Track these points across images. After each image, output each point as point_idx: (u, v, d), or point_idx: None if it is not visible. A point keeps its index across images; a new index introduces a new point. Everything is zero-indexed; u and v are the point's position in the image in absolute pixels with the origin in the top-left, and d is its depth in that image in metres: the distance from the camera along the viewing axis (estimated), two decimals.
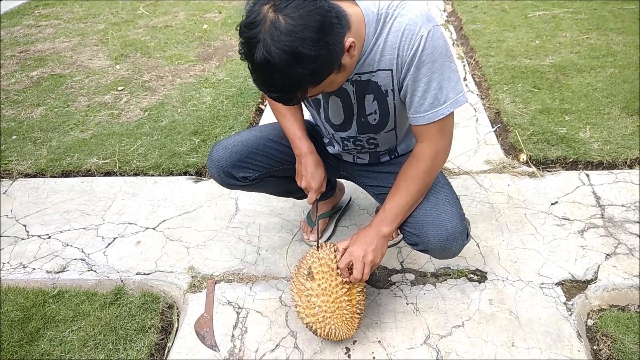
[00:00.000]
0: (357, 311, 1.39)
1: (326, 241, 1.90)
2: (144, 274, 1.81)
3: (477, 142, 2.45)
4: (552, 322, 1.53)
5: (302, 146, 1.49)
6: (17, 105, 3.10)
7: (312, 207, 1.67)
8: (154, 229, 2.04)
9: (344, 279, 1.36)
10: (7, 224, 2.12)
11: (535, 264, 1.74)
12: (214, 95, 3.05)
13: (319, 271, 1.36)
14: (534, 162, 2.26)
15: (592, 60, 3.09)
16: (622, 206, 1.97)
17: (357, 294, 1.39)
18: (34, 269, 1.86)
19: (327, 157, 1.65)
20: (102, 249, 1.94)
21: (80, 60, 3.71)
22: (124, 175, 2.39)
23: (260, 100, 2.97)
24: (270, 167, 1.58)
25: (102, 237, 2.01)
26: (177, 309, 1.70)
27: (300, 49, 1.01)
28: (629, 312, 1.57)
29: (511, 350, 1.46)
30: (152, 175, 2.37)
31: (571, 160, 2.24)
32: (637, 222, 1.89)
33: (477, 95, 2.87)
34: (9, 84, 3.39)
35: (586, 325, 1.55)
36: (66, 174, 2.44)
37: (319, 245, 1.47)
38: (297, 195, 1.82)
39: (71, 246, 1.97)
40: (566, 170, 2.21)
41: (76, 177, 2.41)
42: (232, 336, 1.56)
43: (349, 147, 1.51)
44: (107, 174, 2.42)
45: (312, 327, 1.38)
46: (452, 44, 3.61)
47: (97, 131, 2.74)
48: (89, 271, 1.83)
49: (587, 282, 1.66)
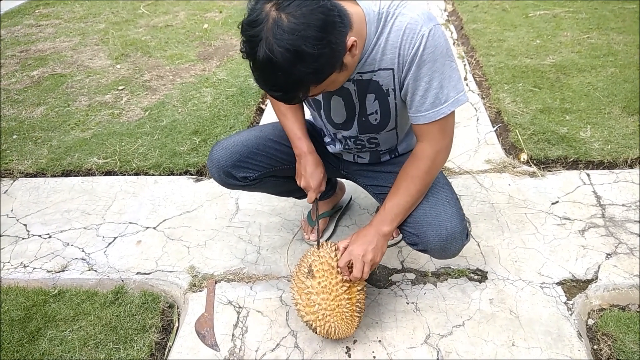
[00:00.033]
0: (357, 310, 1.39)
1: (327, 240, 1.90)
2: (145, 274, 1.81)
3: (478, 142, 2.44)
4: (553, 321, 1.53)
5: (302, 146, 1.50)
6: (17, 104, 3.10)
7: (312, 206, 1.67)
8: (154, 228, 2.04)
9: (344, 278, 1.36)
10: (7, 223, 2.12)
11: (535, 264, 1.74)
12: (215, 94, 3.05)
13: (319, 269, 1.36)
14: (535, 162, 2.26)
15: (593, 59, 3.08)
16: (623, 206, 1.97)
17: (357, 293, 1.39)
18: (34, 269, 1.86)
19: (327, 156, 1.65)
20: (103, 249, 1.94)
21: (80, 59, 3.71)
22: (125, 174, 2.40)
23: (260, 99, 2.97)
24: (270, 167, 1.58)
25: (103, 237, 2.01)
26: (178, 308, 1.70)
27: (302, 48, 1.01)
28: (629, 311, 1.57)
29: (511, 349, 1.46)
30: (153, 174, 2.38)
31: (572, 159, 2.24)
32: (638, 221, 1.89)
33: (478, 94, 2.87)
34: (10, 84, 3.39)
35: (587, 324, 1.55)
36: (67, 174, 2.44)
37: (320, 244, 1.47)
38: (297, 195, 1.82)
39: (72, 246, 1.97)
40: (567, 169, 2.21)
41: (77, 176, 2.42)
42: (233, 336, 1.56)
43: (350, 146, 1.51)
44: (108, 173, 2.42)
45: (311, 325, 1.38)
46: (453, 44, 3.61)
47: (97, 131, 2.75)
48: (89, 271, 1.84)
49: (588, 282, 1.65)
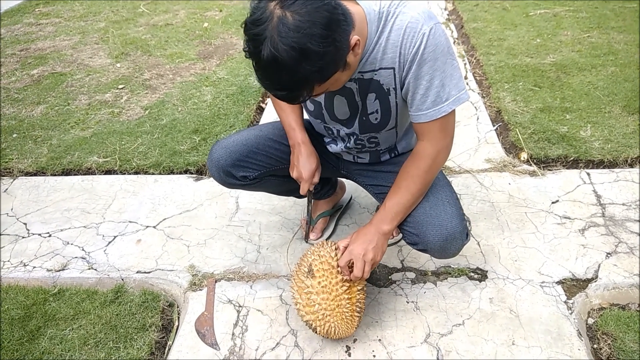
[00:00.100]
0: (357, 309, 1.39)
1: (327, 240, 1.90)
2: (145, 273, 1.81)
3: (478, 141, 2.44)
4: (553, 320, 1.53)
5: (296, 136, 1.50)
6: (17, 103, 3.10)
7: (306, 200, 1.67)
8: (154, 227, 2.04)
9: (345, 277, 1.36)
10: (7, 222, 2.12)
11: (535, 263, 1.74)
12: (215, 93, 3.05)
13: (319, 269, 1.36)
14: (535, 161, 2.26)
15: (593, 58, 3.08)
16: (623, 205, 1.97)
17: (358, 293, 1.39)
18: (34, 267, 1.86)
19: (327, 156, 1.65)
20: (103, 248, 1.94)
21: (80, 58, 3.71)
22: (125, 173, 2.39)
23: (260, 98, 2.97)
24: (270, 167, 1.58)
25: (103, 236, 2.01)
26: (178, 307, 1.70)
27: (308, 45, 1.00)
28: (629, 310, 1.57)
29: (511, 348, 1.46)
30: (153, 173, 2.37)
31: (572, 158, 2.24)
32: (638, 220, 1.89)
33: (478, 93, 2.87)
34: (10, 82, 3.39)
35: (587, 323, 1.55)
36: (67, 173, 2.44)
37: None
38: (297, 194, 1.81)
39: (72, 244, 1.97)
40: (567, 168, 2.21)
41: (77, 175, 2.41)
42: (233, 334, 1.56)
43: (350, 145, 1.51)
44: (108, 172, 2.42)
45: (311, 324, 1.38)
46: (453, 43, 3.61)
47: (97, 129, 2.74)
48: (89, 269, 1.84)
49: (588, 281, 1.65)
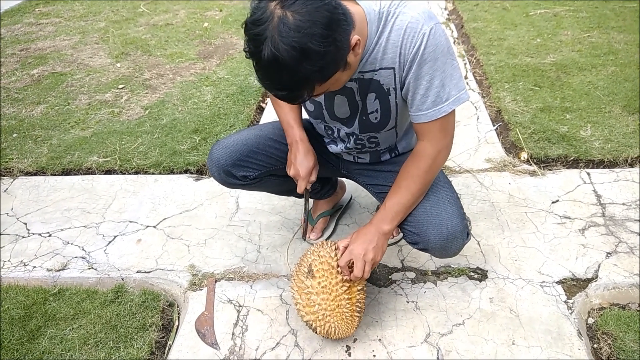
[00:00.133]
0: (357, 310, 1.39)
1: (327, 239, 1.90)
2: (145, 272, 1.81)
3: (478, 141, 2.44)
4: (553, 320, 1.53)
5: (294, 134, 1.49)
6: (17, 103, 3.10)
7: (304, 199, 1.66)
8: (154, 227, 2.04)
9: (345, 277, 1.36)
10: (7, 222, 2.12)
11: (535, 263, 1.74)
12: (215, 93, 3.05)
13: (319, 269, 1.36)
14: (535, 161, 2.26)
15: (593, 58, 3.08)
16: (623, 205, 1.97)
17: (358, 293, 1.39)
18: (34, 267, 1.86)
19: (327, 155, 1.65)
20: (103, 247, 1.94)
21: (80, 58, 3.71)
22: (125, 173, 2.39)
23: (260, 98, 2.97)
24: (270, 166, 1.58)
25: (103, 235, 2.01)
26: (178, 307, 1.70)
27: (309, 45, 1.00)
28: (629, 310, 1.57)
29: (512, 348, 1.46)
30: (153, 173, 2.37)
31: (572, 158, 2.24)
32: (638, 220, 1.89)
33: (478, 93, 2.87)
34: (10, 82, 3.39)
35: (587, 323, 1.55)
36: (67, 172, 2.44)
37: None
38: (297, 193, 1.82)
39: (72, 244, 1.97)
40: (567, 168, 2.21)
41: (77, 175, 2.41)
42: (233, 334, 1.56)
43: (350, 145, 1.51)
44: (108, 172, 2.42)
45: (311, 325, 1.38)
46: (453, 42, 3.61)
47: (97, 129, 2.74)
48: (89, 269, 1.84)
49: (588, 281, 1.65)
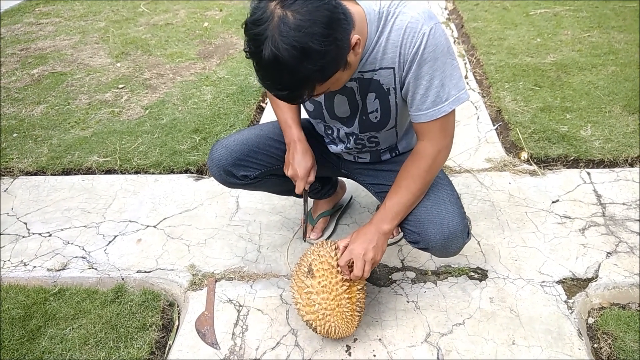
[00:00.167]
0: (357, 309, 1.39)
1: (327, 239, 1.90)
2: (145, 272, 1.81)
3: (478, 140, 2.44)
4: (553, 320, 1.53)
5: (292, 133, 1.49)
6: (17, 103, 3.10)
7: (303, 199, 1.66)
8: (154, 227, 2.04)
9: (345, 277, 1.36)
10: (8, 221, 2.12)
11: (536, 262, 1.74)
12: (215, 93, 3.05)
13: (319, 269, 1.36)
14: (535, 160, 2.26)
15: (594, 58, 3.08)
16: (623, 204, 1.97)
17: (358, 292, 1.39)
18: (34, 267, 1.86)
19: (327, 155, 1.65)
20: (103, 247, 1.94)
21: (81, 58, 3.71)
22: (125, 173, 2.39)
23: (261, 98, 2.97)
24: (270, 166, 1.58)
25: (103, 235, 2.01)
26: (178, 306, 1.70)
27: (309, 44, 1.00)
28: (629, 310, 1.57)
29: (512, 348, 1.46)
30: (153, 173, 2.37)
31: (572, 158, 2.24)
32: (638, 220, 1.89)
33: (478, 93, 2.87)
34: (10, 82, 3.39)
35: (587, 323, 1.55)
36: (67, 172, 2.44)
37: (317, 243, 1.46)
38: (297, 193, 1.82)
39: (72, 244, 1.97)
40: (567, 168, 2.21)
41: (77, 175, 2.42)
42: (233, 334, 1.56)
43: (351, 145, 1.51)
44: (108, 172, 2.42)
45: (312, 324, 1.38)
46: (454, 42, 3.61)
47: (97, 129, 2.74)
48: (89, 269, 1.84)
49: (588, 281, 1.65)
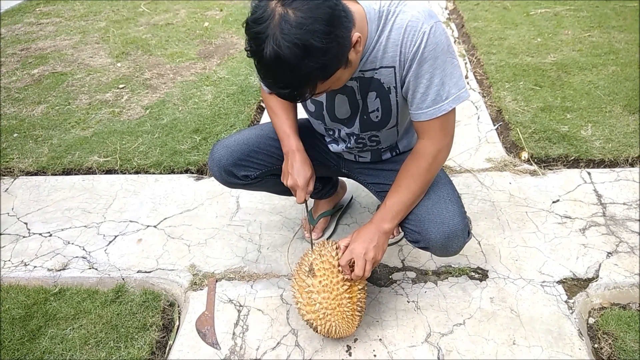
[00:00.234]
0: (358, 309, 1.39)
1: (327, 239, 1.90)
2: (145, 272, 1.81)
3: (479, 140, 2.44)
4: (554, 320, 1.53)
5: (291, 143, 1.47)
6: (18, 103, 3.10)
7: (304, 207, 1.65)
8: (155, 227, 2.04)
9: (345, 276, 1.36)
10: (8, 222, 2.12)
11: (536, 262, 1.74)
12: (215, 93, 3.05)
13: (320, 268, 1.36)
14: (536, 160, 2.25)
15: (594, 58, 3.08)
16: (624, 204, 1.97)
17: (358, 292, 1.39)
18: (35, 267, 1.86)
19: (328, 155, 1.65)
20: (104, 247, 1.94)
21: (81, 58, 3.71)
22: (125, 173, 2.40)
23: (261, 98, 2.97)
24: (271, 166, 1.58)
25: (104, 235, 2.01)
26: (178, 307, 1.70)
27: (311, 42, 1.00)
28: (630, 310, 1.56)
29: (512, 348, 1.46)
30: (153, 173, 2.38)
31: (573, 158, 2.23)
32: (639, 220, 1.89)
33: (479, 93, 2.87)
34: (10, 82, 3.39)
35: (587, 323, 1.55)
36: (67, 172, 2.44)
37: (318, 243, 1.46)
38: None
39: (72, 244, 1.97)
40: (568, 168, 2.21)
41: (77, 175, 2.42)
42: (233, 334, 1.56)
43: (352, 145, 1.51)
44: (108, 172, 2.42)
45: (312, 323, 1.38)
46: (454, 42, 3.60)
47: (98, 129, 2.74)
48: (90, 269, 1.84)
49: (589, 281, 1.65)
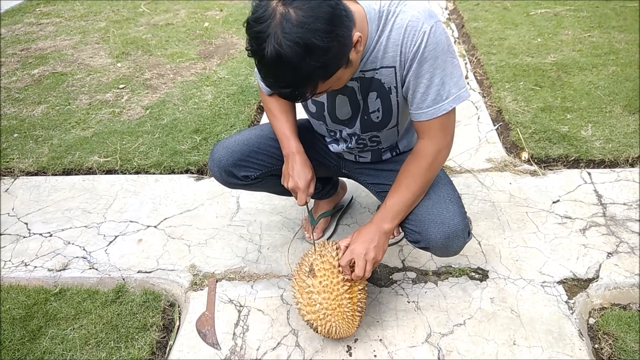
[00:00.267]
0: (358, 309, 1.39)
1: (328, 239, 1.90)
2: (146, 272, 1.81)
3: (479, 140, 2.44)
4: (554, 320, 1.53)
5: (291, 145, 1.46)
6: (18, 103, 3.10)
7: (305, 209, 1.65)
8: (155, 227, 2.04)
9: (346, 277, 1.36)
10: (8, 222, 2.12)
11: (536, 263, 1.74)
12: (215, 93, 3.05)
13: (320, 268, 1.36)
14: (536, 161, 2.25)
15: (594, 58, 3.08)
16: (624, 204, 1.97)
17: (359, 292, 1.39)
18: (35, 267, 1.86)
19: (328, 155, 1.65)
20: (104, 247, 1.94)
21: (81, 58, 3.71)
22: (126, 173, 2.40)
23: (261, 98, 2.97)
24: (271, 166, 1.58)
25: (104, 235, 2.01)
26: (179, 307, 1.70)
27: (312, 40, 1.00)
28: (630, 310, 1.57)
29: (512, 348, 1.46)
30: (154, 173, 2.38)
31: (573, 158, 2.23)
32: (639, 220, 1.89)
33: (479, 93, 2.87)
34: (10, 82, 3.39)
35: (588, 323, 1.55)
36: (67, 172, 2.44)
37: (318, 243, 1.46)
38: None
39: (73, 244, 1.97)
40: (568, 168, 2.21)
41: (77, 175, 2.42)
42: (234, 334, 1.56)
43: (352, 145, 1.51)
44: (109, 172, 2.42)
45: (312, 324, 1.38)
46: (454, 42, 3.60)
47: (98, 129, 2.75)
48: (90, 269, 1.84)
49: (589, 281, 1.65)
